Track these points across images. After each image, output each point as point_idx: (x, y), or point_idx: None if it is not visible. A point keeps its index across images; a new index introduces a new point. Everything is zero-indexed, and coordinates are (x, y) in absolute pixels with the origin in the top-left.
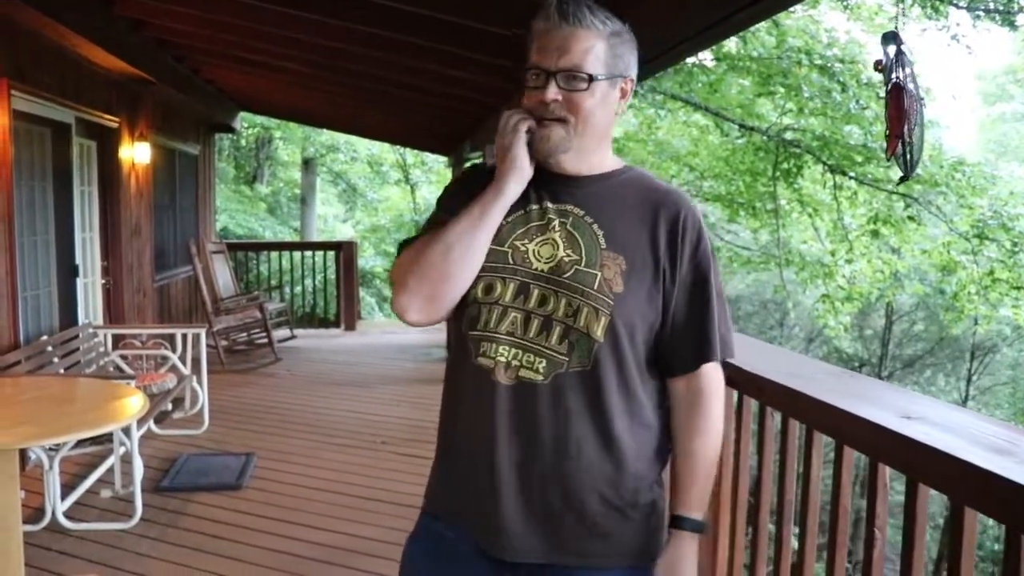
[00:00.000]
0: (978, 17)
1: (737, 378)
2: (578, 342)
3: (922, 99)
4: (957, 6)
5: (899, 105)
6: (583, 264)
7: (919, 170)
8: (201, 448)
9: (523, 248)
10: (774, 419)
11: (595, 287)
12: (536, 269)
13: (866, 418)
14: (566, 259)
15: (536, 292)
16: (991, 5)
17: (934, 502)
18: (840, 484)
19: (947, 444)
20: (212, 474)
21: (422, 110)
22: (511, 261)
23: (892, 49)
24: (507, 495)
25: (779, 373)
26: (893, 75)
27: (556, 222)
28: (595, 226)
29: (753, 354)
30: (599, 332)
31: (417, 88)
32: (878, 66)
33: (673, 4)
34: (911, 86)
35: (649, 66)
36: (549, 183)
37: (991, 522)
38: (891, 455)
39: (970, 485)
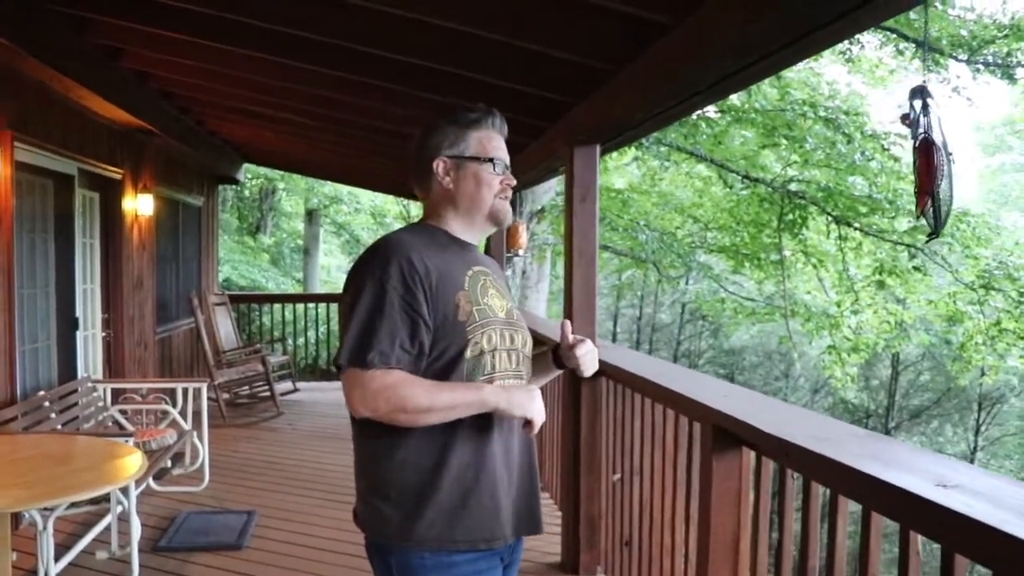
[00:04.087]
0: (978, 70)
1: (758, 440)
2: (527, 361)
3: (950, 153)
4: (957, 59)
5: (929, 160)
6: (515, 307)
7: (923, 221)
8: (201, 505)
9: (488, 303)
10: (795, 481)
11: (525, 323)
12: (502, 317)
13: (900, 486)
14: (509, 306)
15: (508, 334)
16: (990, 59)
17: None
18: (868, 551)
19: (992, 517)
20: (212, 533)
21: None
22: (490, 315)
23: (919, 103)
24: (516, 487)
25: (805, 436)
26: (920, 129)
27: (488, 279)
28: (497, 279)
29: (773, 415)
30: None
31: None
32: (905, 120)
33: (691, 53)
34: (939, 140)
35: (662, 116)
36: (463, 251)
37: None
38: (925, 524)
39: (1017, 561)
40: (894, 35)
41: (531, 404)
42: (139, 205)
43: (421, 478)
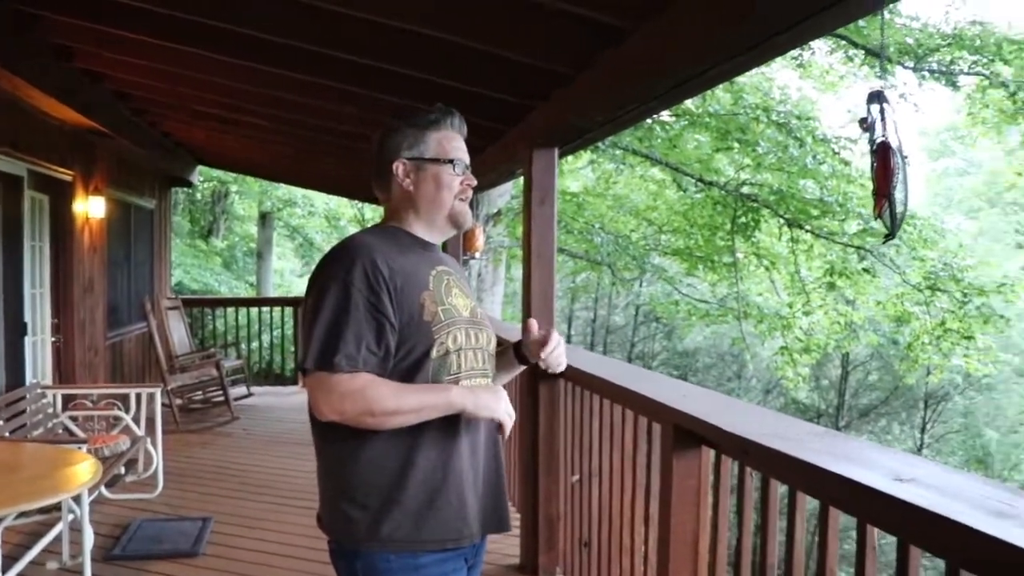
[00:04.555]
0: (924, 77)
1: (718, 439)
2: (491, 359)
3: (905, 157)
4: (904, 66)
5: (886, 164)
6: (479, 306)
7: (874, 223)
8: (155, 513)
9: (452, 303)
10: (753, 479)
11: (488, 321)
12: (466, 316)
13: (857, 480)
14: (472, 305)
15: (473, 333)
16: (935, 66)
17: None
18: (826, 546)
19: (945, 508)
20: (167, 540)
21: None
22: (455, 315)
23: (876, 108)
24: (482, 485)
25: (764, 435)
26: (878, 133)
27: (451, 279)
28: (460, 279)
29: (733, 414)
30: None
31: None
32: (863, 124)
33: (651, 57)
34: (895, 144)
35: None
36: (426, 251)
37: None
38: (881, 518)
39: (970, 550)
40: (844, 42)
41: (497, 405)
42: (90, 207)
43: (388, 479)
